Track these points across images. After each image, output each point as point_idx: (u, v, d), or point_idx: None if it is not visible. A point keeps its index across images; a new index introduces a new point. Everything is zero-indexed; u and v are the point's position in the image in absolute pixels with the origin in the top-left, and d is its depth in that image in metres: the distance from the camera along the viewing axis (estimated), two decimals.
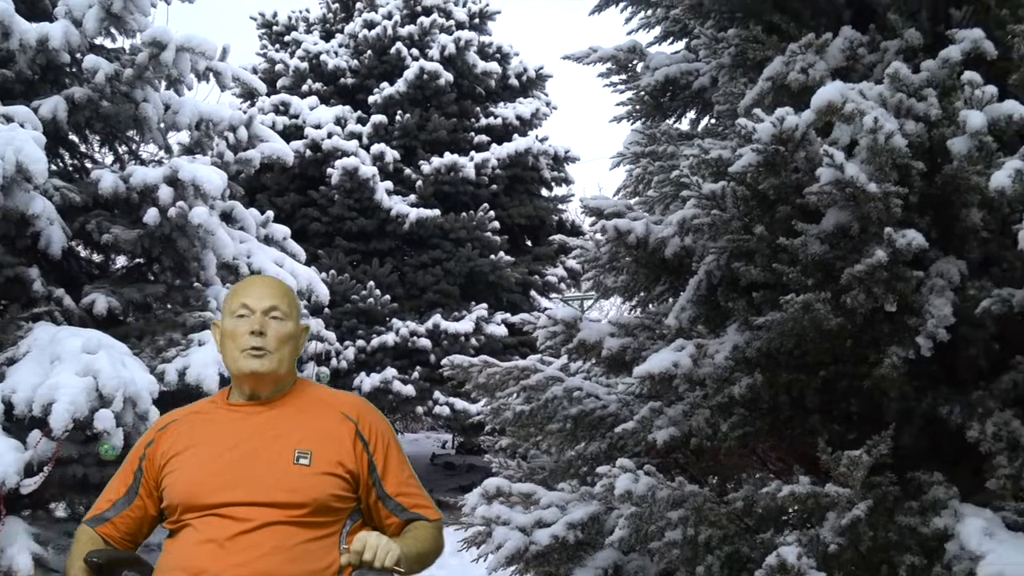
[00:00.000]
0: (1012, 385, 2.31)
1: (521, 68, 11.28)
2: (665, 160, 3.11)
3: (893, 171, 1.96)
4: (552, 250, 10.45)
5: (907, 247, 1.92)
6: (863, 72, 2.38)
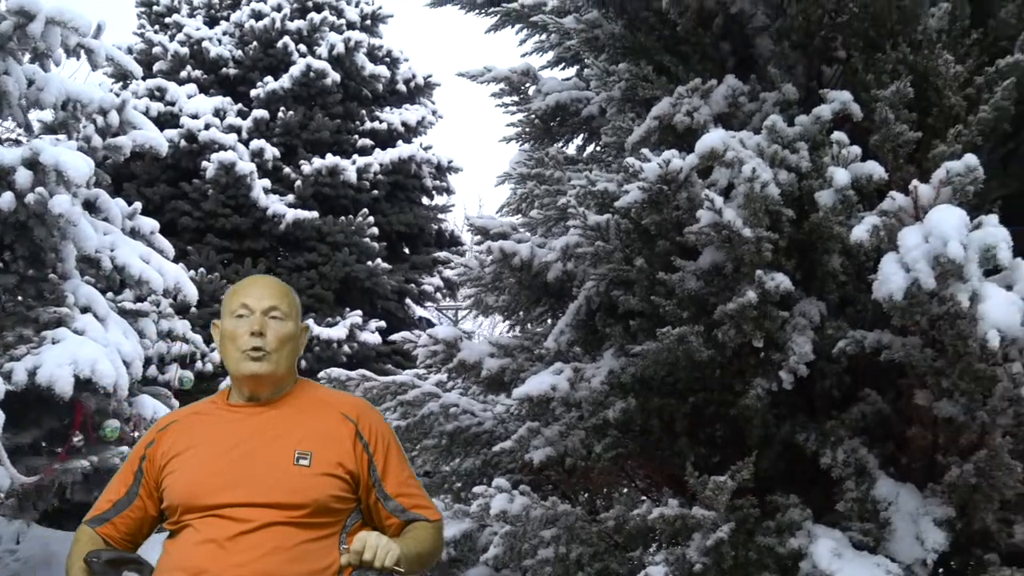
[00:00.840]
0: (861, 415, 2.51)
1: (410, 74, 11.24)
2: (551, 184, 3.20)
3: (766, 216, 2.10)
4: (430, 259, 10.45)
5: (775, 289, 2.06)
6: (743, 119, 2.54)
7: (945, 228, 1.73)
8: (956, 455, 2.37)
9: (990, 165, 2.49)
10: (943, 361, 2.11)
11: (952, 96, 2.39)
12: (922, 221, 1.83)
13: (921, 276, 1.74)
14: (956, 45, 2.51)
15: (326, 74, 9.85)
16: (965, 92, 2.42)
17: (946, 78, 2.38)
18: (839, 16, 2.60)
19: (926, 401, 2.33)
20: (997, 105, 2.32)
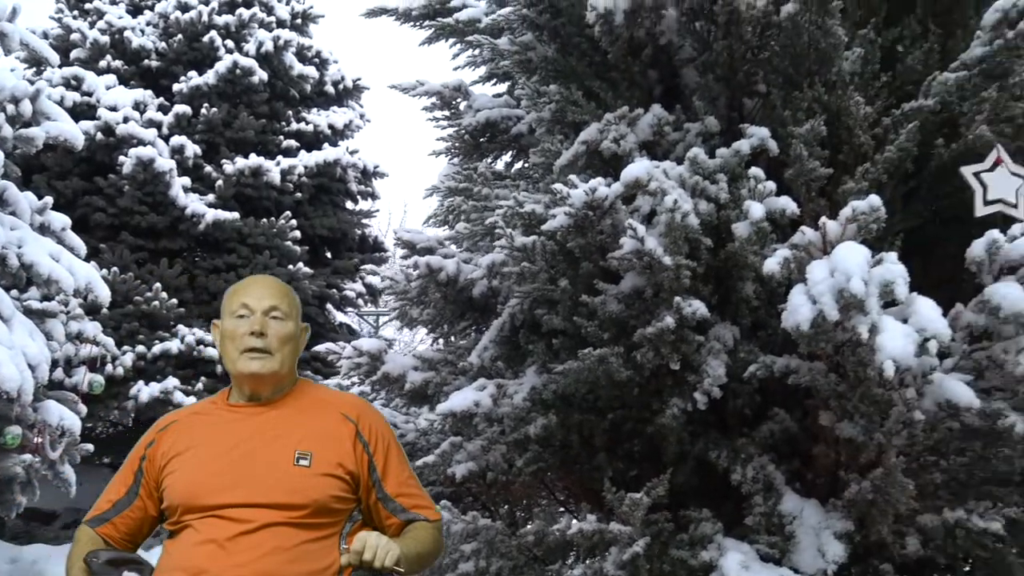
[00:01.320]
0: (770, 434, 2.63)
1: (339, 76, 11.11)
2: (479, 200, 3.24)
3: (685, 245, 2.19)
4: (352, 264, 10.34)
5: (692, 315, 2.16)
6: (667, 147, 2.64)
7: (849, 264, 1.85)
8: (856, 472, 2.50)
9: (894, 201, 2.66)
10: (845, 386, 2.24)
11: (862, 135, 2.54)
12: (829, 255, 1.95)
13: (826, 308, 1.85)
14: (867, 87, 2.66)
15: (253, 72, 9.67)
16: (873, 132, 2.58)
17: (857, 118, 2.52)
18: (761, 52, 2.72)
19: (829, 422, 2.46)
20: (901, 146, 2.48)
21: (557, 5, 2.91)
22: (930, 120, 2.54)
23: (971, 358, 2.18)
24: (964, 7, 2.90)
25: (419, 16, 4.27)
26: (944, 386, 2.11)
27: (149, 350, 7.94)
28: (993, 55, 2.45)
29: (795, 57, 2.62)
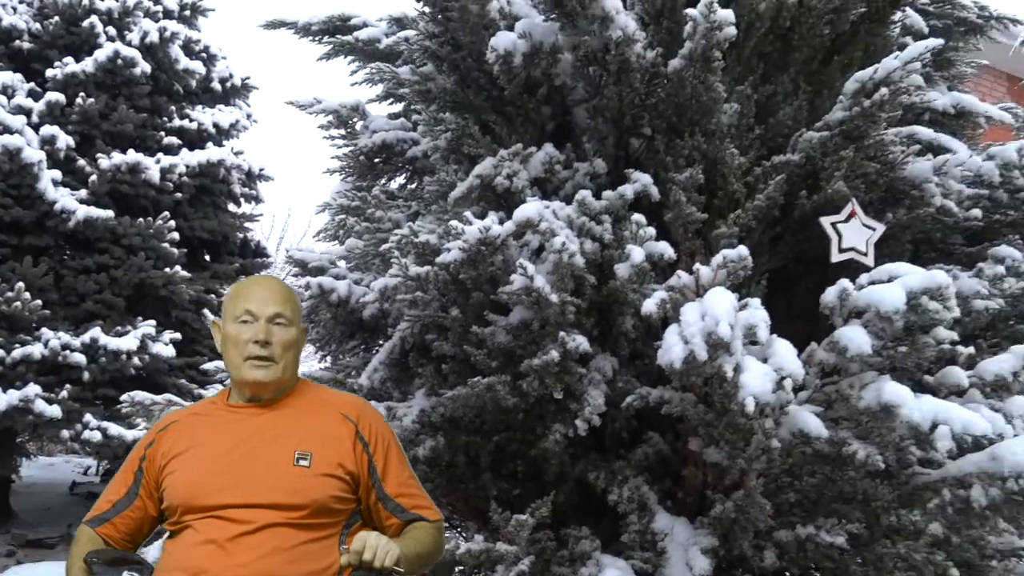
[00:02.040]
0: (644, 456, 2.81)
1: (227, 73, 10.77)
2: (372, 221, 3.28)
3: (571, 281, 2.32)
4: (233, 269, 10.04)
5: (575, 349, 2.29)
6: (557, 184, 2.78)
7: (718, 309, 2.03)
8: (721, 493, 2.70)
9: (762, 243, 2.90)
10: (712, 415, 2.43)
11: (735, 183, 2.76)
12: (702, 299, 2.12)
13: (696, 349, 2.02)
14: (742, 138, 2.89)
15: (135, 63, 9.25)
16: (746, 180, 2.80)
17: (731, 167, 2.74)
18: (648, 99, 2.90)
19: (698, 447, 2.65)
20: (770, 195, 2.71)
21: (458, 40, 3.00)
22: (796, 173, 2.78)
23: (822, 392, 2.41)
24: (832, 70, 3.18)
25: (319, 31, 4.28)
26: (798, 417, 2.32)
27: (8, 354, 7.46)
28: (852, 119, 2.72)
29: (679, 107, 2.82)
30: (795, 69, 3.10)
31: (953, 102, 3.96)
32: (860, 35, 3.27)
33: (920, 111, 3.85)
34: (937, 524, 2.46)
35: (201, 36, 10.54)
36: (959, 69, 4.56)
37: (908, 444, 2.31)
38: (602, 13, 2.64)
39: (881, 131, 2.77)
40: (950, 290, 2.19)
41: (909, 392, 2.20)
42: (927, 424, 2.16)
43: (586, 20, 2.68)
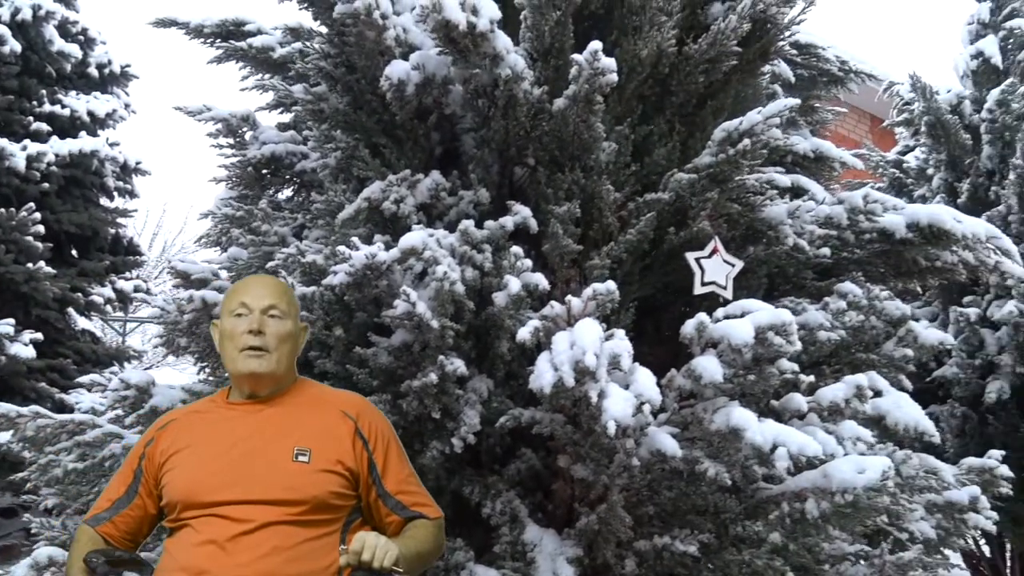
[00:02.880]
0: (517, 471, 2.95)
1: (106, 59, 10.31)
2: (257, 234, 3.30)
3: (451, 307, 2.45)
4: (103, 266, 9.60)
5: (453, 372, 2.42)
6: (442, 210, 2.89)
7: (586, 340, 2.20)
8: (586, 506, 2.87)
9: (632, 273, 3.10)
10: (579, 435, 2.60)
11: (610, 217, 2.95)
12: (572, 328, 2.29)
13: (565, 376, 2.18)
14: (619, 174, 3.08)
15: (4, 41, 8.76)
16: (619, 215, 3.00)
17: (607, 202, 2.93)
18: (534, 132, 3.06)
19: (566, 464, 2.82)
20: (641, 230, 2.91)
21: (353, 62, 3.08)
22: (666, 210, 3.00)
23: (680, 414, 2.63)
24: (705, 114, 3.43)
25: (211, 34, 4.23)
26: (656, 438, 2.52)
27: None
28: (718, 164, 2.96)
29: (561, 142, 2.99)
30: (671, 112, 3.34)
31: (813, 147, 4.34)
32: (732, 83, 3.55)
33: (784, 153, 4.20)
34: (777, 533, 2.71)
35: (79, 18, 10.05)
36: (821, 115, 4.99)
37: (752, 463, 2.55)
38: (493, 52, 2.78)
39: (743, 176, 3.03)
40: (793, 327, 2.44)
41: (754, 417, 2.43)
42: (768, 445, 2.40)
43: (478, 56, 2.81)
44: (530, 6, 3.09)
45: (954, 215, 3.65)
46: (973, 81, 6.10)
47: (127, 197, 10.36)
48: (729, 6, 3.54)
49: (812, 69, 4.69)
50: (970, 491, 3.88)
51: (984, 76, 6.01)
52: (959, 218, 3.66)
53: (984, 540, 6.10)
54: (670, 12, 3.32)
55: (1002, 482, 4.21)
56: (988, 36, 6.12)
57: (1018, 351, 5.33)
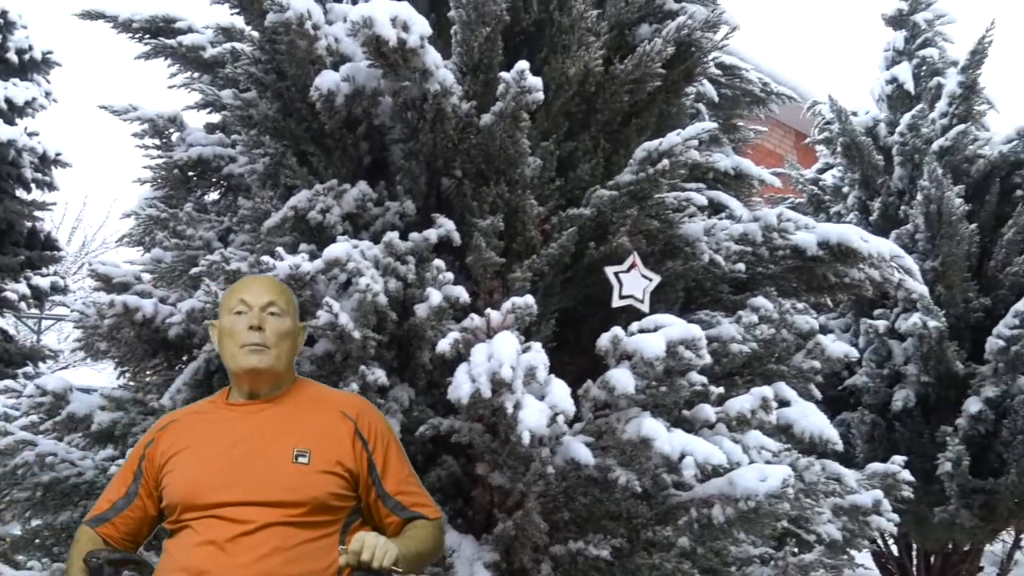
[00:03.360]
0: (438, 478, 3.01)
1: (26, 44, 9.95)
2: (182, 238, 3.29)
3: (374, 317, 2.50)
4: (17, 261, 9.27)
5: (374, 382, 2.47)
6: (368, 220, 2.93)
7: (503, 352, 2.28)
8: (504, 512, 2.95)
9: (554, 285, 3.19)
10: (497, 443, 2.68)
11: (533, 230, 3.04)
12: (491, 340, 2.37)
13: (482, 387, 2.26)
14: (543, 188, 3.17)
15: None
16: (542, 228, 3.09)
17: (530, 216, 3.02)
18: (461, 144, 3.12)
19: (484, 471, 2.90)
20: (562, 244, 3.01)
21: (283, 70, 3.09)
22: (587, 225, 3.10)
23: (594, 424, 2.73)
24: (629, 132, 3.54)
25: (140, 29, 4.16)
26: (570, 447, 2.62)
27: None
28: (638, 182, 3.07)
29: (488, 156, 3.06)
30: (596, 129, 3.44)
31: (734, 164, 4.51)
32: (656, 103, 3.67)
33: (706, 170, 4.36)
34: (685, 538, 2.84)
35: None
36: (744, 133, 5.18)
37: (661, 471, 2.67)
38: (422, 67, 2.84)
39: (663, 194, 3.15)
40: (702, 341, 2.56)
41: (663, 427, 2.55)
42: (676, 454, 2.52)
43: (408, 71, 2.87)
44: (460, 22, 3.16)
45: (861, 235, 3.86)
46: (888, 105, 6.41)
47: (46, 189, 9.98)
48: (656, 29, 3.67)
49: (736, 89, 4.86)
50: (873, 495, 4.10)
51: (898, 101, 6.32)
52: (866, 238, 3.86)
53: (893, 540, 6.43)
54: (598, 33, 3.43)
55: (904, 486, 4.46)
56: (903, 63, 6.44)
57: (922, 361, 5.63)
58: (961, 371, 5.63)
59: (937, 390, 5.74)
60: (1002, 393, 5.50)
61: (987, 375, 5.59)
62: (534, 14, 3.45)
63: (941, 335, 5.49)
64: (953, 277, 5.59)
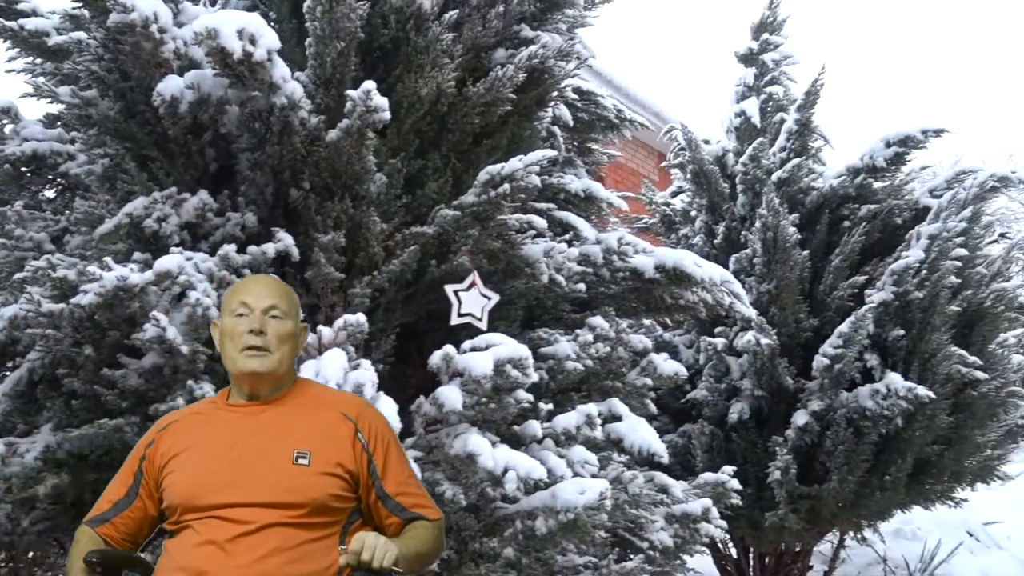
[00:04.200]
0: None
1: None
2: (11, 238, 3.16)
3: (205, 331, 2.49)
4: None
5: (202, 397, 2.47)
6: (208, 230, 2.92)
7: (330, 369, 2.34)
8: None
9: (396, 300, 3.27)
10: None
11: (376, 246, 3.10)
12: (320, 357, 2.42)
13: None
14: (390, 205, 3.24)
15: None
16: (386, 245, 3.16)
17: (373, 232, 3.08)
18: (310, 156, 3.15)
19: None
20: (404, 261, 3.09)
21: (127, 70, 3.03)
22: (430, 243, 3.20)
23: (425, 439, 2.82)
24: (480, 152, 3.66)
25: None
26: None
27: None
28: (480, 204, 3.19)
29: (335, 170, 3.10)
30: (447, 148, 3.55)
31: (584, 187, 4.72)
32: (508, 125, 3.82)
33: (558, 191, 4.55)
34: (510, 549, 2.97)
35: None
36: (598, 157, 5.43)
37: (486, 485, 2.79)
38: (269, 80, 2.85)
39: (505, 216, 3.28)
40: (529, 361, 2.71)
41: (488, 443, 2.67)
42: (500, 469, 2.65)
43: (255, 82, 2.87)
44: (314, 36, 3.19)
45: (695, 260, 4.14)
46: (736, 136, 6.84)
47: None
48: (512, 54, 3.81)
49: (591, 114, 5.09)
50: (703, 503, 4.39)
51: (745, 133, 6.75)
52: (699, 263, 4.14)
53: (731, 543, 6.85)
54: (453, 55, 3.53)
55: (733, 493, 4.79)
56: (751, 98, 6.88)
57: (756, 376, 6.04)
58: (791, 386, 6.05)
59: (769, 403, 6.16)
60: (826, 407, 5.95)
61: (814, 390, 6.03)
62: (391, 32, 3.52)
63: (773, 352, 5.90)
64: (786, 299, 6.02)
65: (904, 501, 6.47)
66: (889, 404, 5.66)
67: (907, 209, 6.41)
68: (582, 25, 4.46)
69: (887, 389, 5.73)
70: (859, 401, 5.85)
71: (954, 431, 6.22)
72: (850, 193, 6.38)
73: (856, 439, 5.75)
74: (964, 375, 6.10)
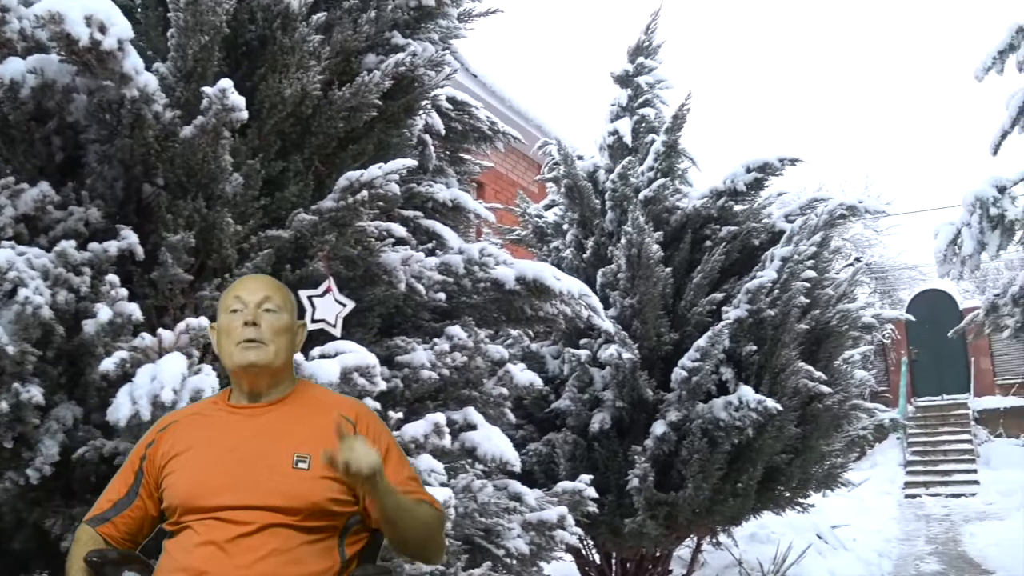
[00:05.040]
0: None
1: None
2: None
3: (37, 331, 2.38)
4: None
5: (29, 400, 2.36)
6: (49, 223, 2.79)
7: (167, 374, 2.29)
8: None
9: None
10: None
11: (229, 248, 3.04)
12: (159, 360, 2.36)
13: (142, 409, 2.25)
14: (246, 207, 3.18)
15: None
16: (240, 247, 3.10)
17: (227, 234, 3.02)
18: (165, 152, 3.06)
19: None
20: (257, 265, 3.05)
21: None
22: (286, 247, 3.16)
23: None
24: (345, 157, 3.65)
25: None
26: None
27: None
28: (338, 210, 3.19)
29: (189, 169, 3.03)
30: (310, 151, 3.52)
31: (452, 197, 4.76)
32: (375, 131, 3.82)
33: (426, 199, 4.58)
34: None
35: None
36: (469, 167, 5.49)
37: None
38: (120, 71, 2.76)
39: (364, 223, 3.29)
40: (376, 369, 2.73)
41: None
42: None
43: (104, 72, 2.77)
44: (177, 27, 3.11)
45: (555, 273, 4.26)
46: (609, 154, 7.08)
47: None
48: (382, 60, 3.82)
49: (465, 124, 5.15)
50: (559, 511, 4.51)
51: (617, 151, 7.00)
52: (559, 276, 4.27)
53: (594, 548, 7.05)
54: (320, 56, 3.51)
55: (589, 501, 4.94)
56: (625, 118, 7.14)
57: (618, 388, 6.25)
58: (651, 397, 6.31)
59: (630, 414, 6.39)
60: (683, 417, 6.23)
61: (672, 401, 6.31)
62: (258, 29, 3.47)
63: (634, 365, 6.13)
64: (648, 313, 6.27)
65: (756, 507, 6.85)
66: (741, 415, 5.98)
67: (764, 232, 6.80)
68: (456, 36, 4.52)
69: (739, 401, 6.05)
70: (714, 412, 6.15)
71: (801, 441, 6.64)
72: (712, 214, 6.71)
73: (711, 448, 6.05)
74: (811, 389, 6.53)
